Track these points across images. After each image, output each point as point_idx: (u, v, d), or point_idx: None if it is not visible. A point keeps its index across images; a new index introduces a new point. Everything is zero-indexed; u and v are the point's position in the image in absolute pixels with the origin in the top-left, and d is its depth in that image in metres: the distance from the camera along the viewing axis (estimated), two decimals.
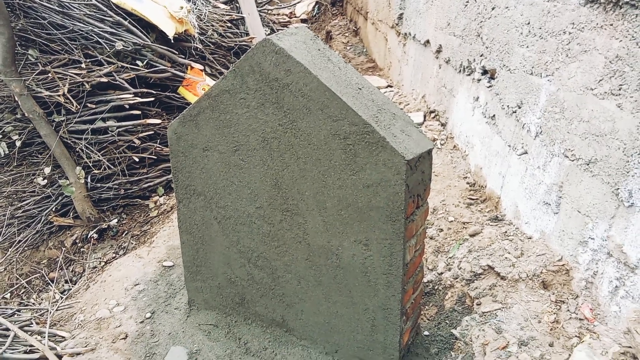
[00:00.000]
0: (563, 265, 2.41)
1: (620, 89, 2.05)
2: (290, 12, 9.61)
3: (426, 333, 2.59)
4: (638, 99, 1.95)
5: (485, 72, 3.46)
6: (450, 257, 2.92)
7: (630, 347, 1.75)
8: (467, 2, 3.67)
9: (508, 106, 3.03)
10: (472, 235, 2.92)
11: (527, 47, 2.79)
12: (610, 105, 2.10)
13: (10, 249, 4.56)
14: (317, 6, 10.06)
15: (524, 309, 2.33)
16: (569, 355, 1.97)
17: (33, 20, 4.20)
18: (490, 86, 3.34)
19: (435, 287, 2.85)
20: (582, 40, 2.30)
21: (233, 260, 2.60)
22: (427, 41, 4.76)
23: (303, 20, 9.44)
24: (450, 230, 3.10)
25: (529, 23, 2.77)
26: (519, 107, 2.90)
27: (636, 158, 1.95)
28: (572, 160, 2.37)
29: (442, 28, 4.31)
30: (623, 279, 2.04)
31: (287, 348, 2.59)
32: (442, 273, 2.88)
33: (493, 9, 3.23)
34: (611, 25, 2.10)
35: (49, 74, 4.15)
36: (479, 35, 3.49)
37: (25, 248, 4.67)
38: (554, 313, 2.26)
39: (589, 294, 2.26)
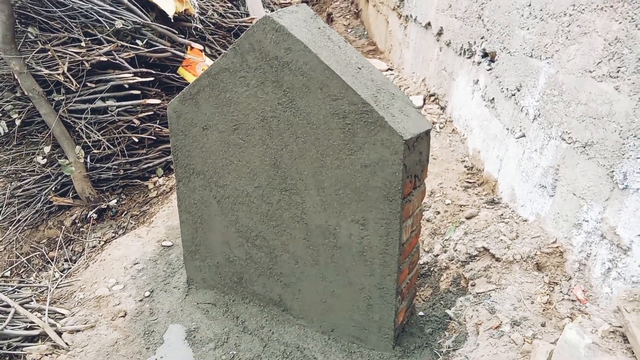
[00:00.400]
0: (557, 247, 2.43)
1: (618, 72, 2.05)
2: None
3: (421, 313, 2.63)
4: (636, 82, 1.95)
5: (485, 54, 3.45)
6: (446, 239, 2.95)
7: (620, 326, 1.78)
8: None
9: (507, 89, 3.03)
10: (468, 218, 2.95)
11: (528, 29, 2.79)
12: (608, 87, 2.11)
13: (10, 228, 4.58)
14: None
15: (518, 290, 2.36)
16: (561, 335, 2.00)
17: None
18: (490, 69, 3.34)
19: (431, 269, 2.88)
20: (582, 22, 2.30)
21: (231, 240, 2.62)
22: (429, 23, 4.73)
23: (304, 1, 9.35)
24: (447, 212, 3.13)
25: (530, 5, 2.76)
26: (518, 90, 2.90)
27: (632, 140, 1.96)
28: (569, 143, 2.38)
29: (443, 10, 4.28)
30: (615, 260, 2.07)
31: (284, 327, 2.62)
32: (438, 255, 2.91)
33: None
34: (611, 7, 2.10)
35: (49, 52, 4.13)
36: (480, 17, 3.48)
37: (25, 227, 4.70)
38: (547, 294, 2.30)
39: (581, 275, 2.29)
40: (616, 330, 1.79)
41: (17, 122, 4.31)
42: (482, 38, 3.45)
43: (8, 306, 2.93)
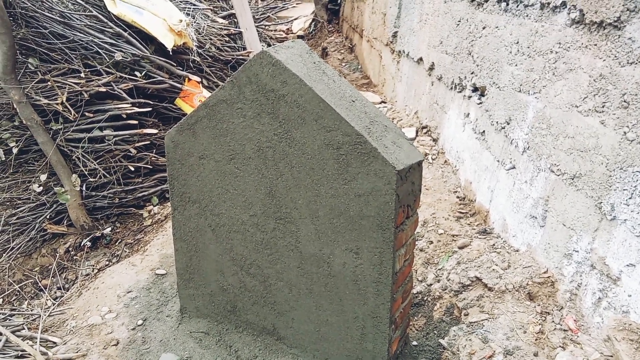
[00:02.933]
0: (548, 277, 2.47)
1: (603, 107, 2.13)
2: (287, 29, 9.75)
3: (414, 343, 2.63)
4: (620, 116, 2.03)
5: (475, 89, 3.55)
6: (439, 269, 2.97)
7: (611, 355, 1.80)
8: (459, 21, 3.78)
9: (497, 122, 3.12)
10: (461, 248, 2.98)
11: (516, 65, 2.89)
12: (594, 121, 2.18)
13: (3, 255, 4.56)
14: (313, 23, 10.22)
15: (510, 319, 2.38)
16: None
17: (34, 30, 4.27)
18: (480, 103, 3.43)
19: (425, 298, 2.90)
20: (568, 59, 2.39)
21: (226, 268, 2.64)
22: (420, 59, 4.86)
23: (299, 37, 9.57)
24: (440, 242, 3.16)
25: (517, 42, 2.86)
26: (508, 124, 2.98)
27: (618, 173, 2.02)
28: (558, 175, 2.45)
29: (434, 46, 4.41)
30: (606, 290, 2.10)
31: (277, 356, 2.61)
32: (431, 284, 2.93)
33: (484, 28, 3.33)
34: (595, 45, 2.19)
35: (48, 83, 4.21)
36: (470, 54, 3.59)
37: (18, 255, 4.68)
38: (539, 324, 2.31)
39: (573, 305, 2.31)
40: (607, 359, 1.80)
41: (14, 150, 4.35)
42: (472, 73, 3.56)
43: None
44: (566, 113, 2.39)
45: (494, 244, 2.92)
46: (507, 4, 3.00)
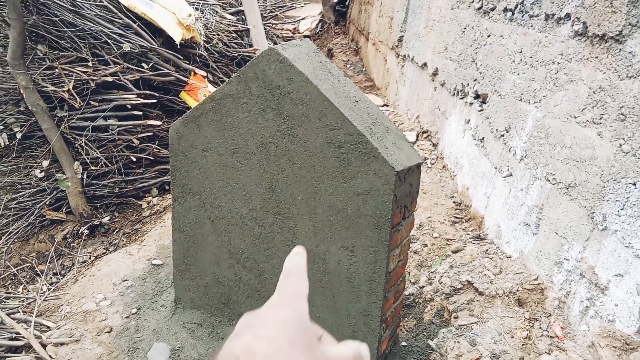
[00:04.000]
0: (538, 284, 2.51)
1: (601, 118, 2.17)
2: (294, 28, 9.80)
3: (404, 343, 2.67)
4: (617, 128, 2.07)
5: (477, 96, 3.60)
6: (432, 272, 3.01)
7: None
8: (465, 28, 3.82)
9: (497, 130, 3.16)
10: (454, 252, 3.02)
11: (518, 74, 2.93)
12: (591, 133, 2.23)
13: (1, 239, 4.59)
14: (320, 24, 10.27)
15: (499, 324, 2.42)
16: None
17: (45, 17, 4.31)
18: (481, 110, 3.47)
19: (416, 300, 2.94)
20: (569, 71, 2.43)
21: (222, 261, 2.67)
22: (425, 64, 4.91)
23: (306, 37, 9.62)
24: (434, 246, 3.20)
25: (521, 52, 2.91)
26: (507, 131, 3.02)
27: (612, 184, 2.06)
28: (553, 184, 2.49)
29: (439, 52, 4.46)
30: (593, 299, 2.14)
31: None
32: (423, 287, 2.97)
33: (489, 36, 3.37)
34: (596, 57, 2.24)
35: (56, 70, 4.24)
36: (473, 61, 3.64)
37: (16, 239, 4.71)
38: (527, 329, 2.35)
39: (561, 312, 2.35)
40: None
41: (18, 135, 4.39)
42: (474, 80, 3.60)
43: None
44: (564, 123, 2.44)
45: (487, 250, 2.96)
46: (513, 14, 3.04)
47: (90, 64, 4.31)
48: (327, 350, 0.48)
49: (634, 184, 1.95)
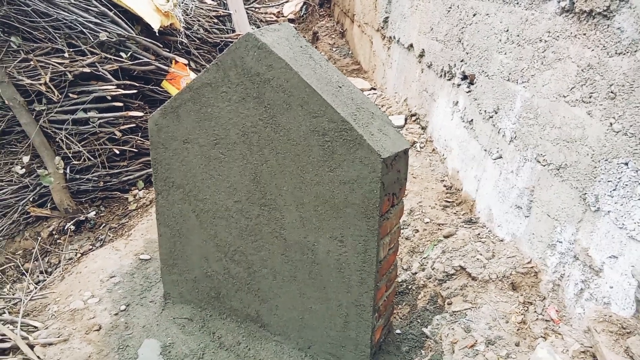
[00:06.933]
0: (532, 267, 2.47)
1: (590, 97, 2.12)
2: (278, 12, 9.63)
3: (398, 331, 2.64)
4: (607, 107, 2.02)
5: (465, 77, 3.53)
6: (424, 258, 2.97)
7: (590, 346, 1.81)
8: (450, 8, 3.74)
9: (485, 111, 3.10)
10: (446, 237, 2.98)
11: (505, 53, 2.86)
12: (581, 112, 2.17)
13: None
14: (304, 7, 10.10)
15: (493, 309, 2.39)
16: (532, 354, 2.03)
17: (17, 7, 4.16)
18: (469, 91, 3.41)
19: (409, 287, 2.90)
20: (556, 49, 2.37)
21: (210, 254, 2.61)
22: (411, 45, 4.82)
23: (290, 20, 9.46)
24: (426, 231, 3.16)
25: (507, 30, 2.84)
26: (496, 113, 2.97)
27: (603, 164, 2.02)
28: (544, 165, 2.44)
29: (425, 33, 4.37)
30: (588, 281, 2.11)
31: (260, 343, 2.61)
32: (416, 273, 2.93)
33: (474, 15, 3.30)
34: (584, 34, 2.17)
35: (31, 62, 4.11)
36: (460, 41, 3.56)
37: (1, 238, 4.61)
38: (522, 314, 2.33)
39: (555, 296, 2.33)
40: (587, 350, 1.82)
41: None
42: (461, 61, 3.53)
43: None
44: (553, 103, 2.38)
45: (479, 234, 2.92)
46: None
47: (66, 55, 4.18)
48: None
49: (626, 164, 1.91)
